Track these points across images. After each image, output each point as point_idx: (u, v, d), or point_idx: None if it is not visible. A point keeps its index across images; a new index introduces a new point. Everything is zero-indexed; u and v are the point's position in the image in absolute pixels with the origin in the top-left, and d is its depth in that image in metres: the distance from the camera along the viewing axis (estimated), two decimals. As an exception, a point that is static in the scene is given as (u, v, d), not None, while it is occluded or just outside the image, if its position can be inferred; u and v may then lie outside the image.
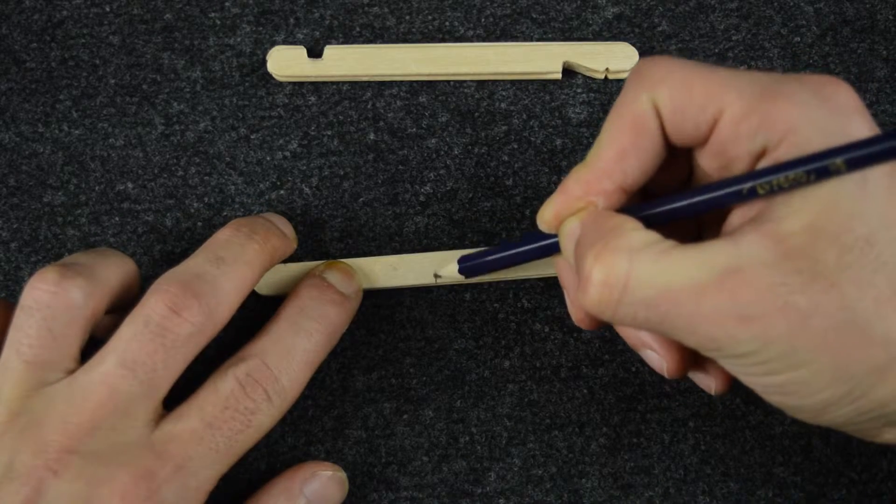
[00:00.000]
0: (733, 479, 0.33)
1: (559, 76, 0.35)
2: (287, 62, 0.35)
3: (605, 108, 0.35)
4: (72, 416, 0.26)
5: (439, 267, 0.33)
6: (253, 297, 0.33)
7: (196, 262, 0.28)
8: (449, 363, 0.34)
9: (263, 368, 0.28)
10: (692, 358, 0.27)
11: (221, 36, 0.36)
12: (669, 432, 0.33)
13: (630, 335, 0.28)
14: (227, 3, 0.36)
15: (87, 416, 0.26)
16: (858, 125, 0.22)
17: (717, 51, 0.35)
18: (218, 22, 0.36)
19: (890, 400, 0.23)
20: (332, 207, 0.35)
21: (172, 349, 0.27)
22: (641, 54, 0.35)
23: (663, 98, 0.24)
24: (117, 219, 0.34)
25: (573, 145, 0.35)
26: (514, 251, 0.29)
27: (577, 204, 0.25)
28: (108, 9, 0.36)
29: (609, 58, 0.34)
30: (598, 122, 0.35)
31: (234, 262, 0.29)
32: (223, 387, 0.28)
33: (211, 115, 0.35)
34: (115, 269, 0.29)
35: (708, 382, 0.28)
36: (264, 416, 0.28)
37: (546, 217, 0.26)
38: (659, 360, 0.27)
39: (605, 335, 0.34)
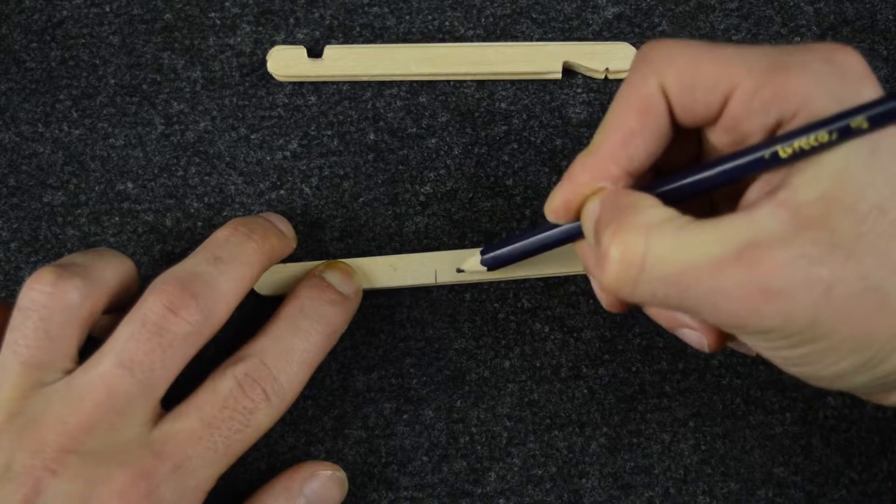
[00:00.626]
0: (733, 479, 0.33)
1: (559, 76, 0.35)
2: (287, 62, 0.35)
3: (604, 108, 0.35)
4: (69, 415, 0.26)
5: (440, 265, 0.33)
6: (253, 297, 0.33)
7: (194, 262, 0.28)
8: (449, 363, 0.34)
9: (262, 368, 0.28)
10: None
11: (221, 36, 0.36)
12: (669, 432, 0.33)
13: (663, 316, 0.28)
14: (227, 3, 0.36)
15: (85, 416, 0.26)
16: (870, 90, 0.23)
17: (717, 51, 0.35)
18: (218, 22, 0.36)
19: None
20: (332, 207, 0.35)
21: (170, 349, 0.27)
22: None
23: (671, 79, 0.24)
24: (117, 219, 0.34)
25: (573, 145, 0.35)
26: (538, 236, 0.28)
27: (583, 190, 0.25)
28: (108, 9, 0.36)
29: (609, 58, 0.34)
30: (598, 122, 0.35)
31: (232, 262, 0.29)
32: (222, 386, 0.28)
33: (211, 115, 0.35)
34: (112, 269, 0.29)
35: (749, 350, 0.27)
36: (263, 415, 0.28)
37: (554, 205, 0.26)
38: (698, 337, 0.27)
39: (606, 335, 0.34)
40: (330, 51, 0.35)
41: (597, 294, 0.28)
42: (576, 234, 0.27)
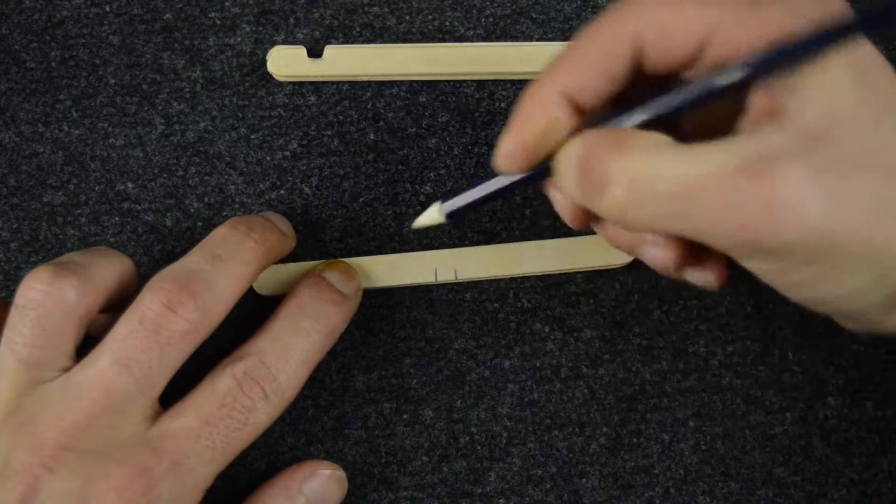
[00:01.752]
0: (733, 479, 0.33)
1: None
2: (287, 62, 0.35)
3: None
4: (67, 413, 0.26)
5: (440, 264, 0.33)
6: (253, 296, 0.33)
7: (192, 260, 0.28)
8: (449, 363, 0.34)
9: (261, 367, 0.28)
10: (691, 252, 0.26)
11: (221, 36, 0.36)
12: (669, 432, 0.33)
13: (625, 238, 0.27)
14: (227, 3, 0.36)
15: (83, 414, 0.26)
16: (846, 9, 0.23)
17: (717, 51, 0.35)
18: (218, 22, 0.36)
19: None
20: (332, 207, 0.35)
21: (167, 346, 0.27)
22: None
23: (648, 22, 0.24)
24: (117, 219, 0.34)
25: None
26: (495, 188, 0.27)
27: (537, 126, 0.25)
28: (108, 9, 0.36)
29: None
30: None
31: (230, 260, 0.29)
32: (220, 385, 0.28)
33: (211, 115, 0.35)
34: (109, 268, 0.29)
35: (707, 278, 0.27)
36: (261, 414, 0.28)
37: (510, 148, 0.25)
38: (661, 254, 0.26)
39: (606, 335, 0.34)
40: (330, 51, 0.35)
41: (561, 211, 0.27)
42: (537, 175, 0.26)
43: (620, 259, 0.33)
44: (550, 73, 0.25)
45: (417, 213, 0.34)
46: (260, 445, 0.33)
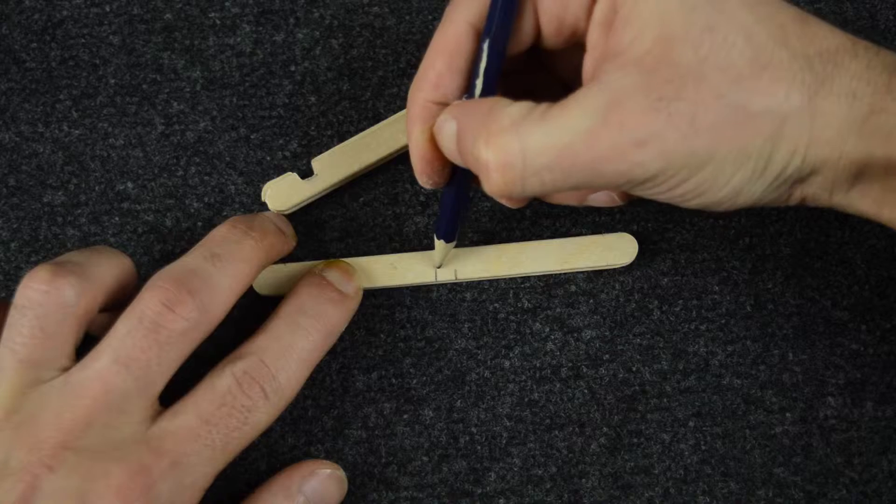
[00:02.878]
0: (733, 479, 0.33)
1: None
2: (285, 195, 0.33)
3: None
4: (66, 412, 0.26)
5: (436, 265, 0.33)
6: (252, 296, 0.33)
7: (191, 259, 0.28)
8: (449, 363, 0.34)
9: (261, 366, 0.28)
10: None
11: (221, 36, 0.36)
12: (669, 432, 0.33)
13: (566, 196, 0.30)
14: (227, 3, 0.36)
15: (82, 413, 0.26)
16: None
17: (717, 51, 0.35)
18: (218, 22, 0.36)
19: (789, 160, 0.24)
20: (332, 207, 0.35)
21: (167, 345, 0.27)
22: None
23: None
24: (117, 219, 0.34)
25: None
26: (452, 190, 0.29)
27: (427, 134, 0.27)
28: (108, 9, 0.36)
29: None
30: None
31: (229, 259, 0.29)
32: (220, 384, 0.28)
33: (211, 115, 0.35)
34: (109, 267, 0.29)
35: (606, 199, 0.30)
36: (261, 413, 0.28)
37: (419, 169, 0.28)
38: (607, 196, 0.29)
39: (606, 335, 0.34)
40: (317, 163, 0.33)
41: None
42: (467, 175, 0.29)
43: (621, 259, 0.33)
44: (416, 83, 0.27)
45: (417, 213, 0.34)
46: (260, 445, 0.33)
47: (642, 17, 0.23)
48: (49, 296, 0.27)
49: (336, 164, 0.33)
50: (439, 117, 0.26)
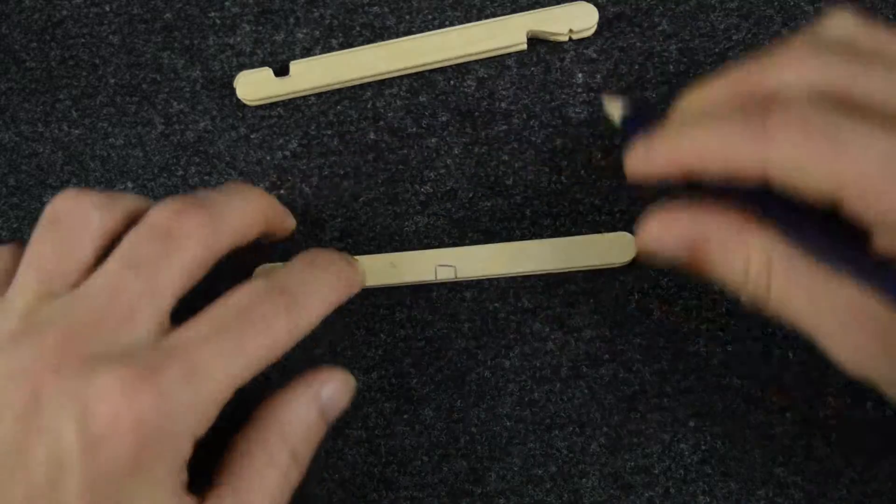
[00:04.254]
0: (733, 479, 0.33)
1: (525, 47, 0.35)
2: (255, 86, 0.34)
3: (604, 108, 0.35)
4: (72, 317, 0.25)
5: (440, 262, 0.33)
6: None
7: (198, 192, 0.28)
8: (449, 363, 0.34)
9: (280, 285, 0.27)
10: None
11: (221, 36, 0.36)
12: (669, 432, 0.33)
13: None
14: (227, 3, 0.36)
15: (88, 317, 0.25)
16: None
17: (717, 51, 0.35)
18: (218, 22, 0.36)
19: None
20: (332, 207, 0.35)
21: (177, 252, 0.26)
22: (642, 54, 0.35)
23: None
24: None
25: (573, 145, 0.35)
26: None
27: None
28: (108, 9, 0.36)
29: (570, 20, 0.34)
30: (597, 122, 0.35)
31: (239, 195, 0.28)
32: (236, 296, 0.27)
33: (211, 115, 0.35)
34: (135, 198, 0.29)
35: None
36: (281, 326, 0.26)
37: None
38: None
39: (606, 335, 0.34)
40: (295, 66, 0.35)
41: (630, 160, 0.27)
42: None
43: (620, 258, 0.33)
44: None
45: (417, 213, 0.34)
46: (260, 445, 0.33)
47: None
48: (73, 210, 0.27)
49: (312, 71, 0.34)
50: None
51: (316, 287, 0.28)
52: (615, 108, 0.28)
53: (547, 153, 0.35)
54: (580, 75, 0.35)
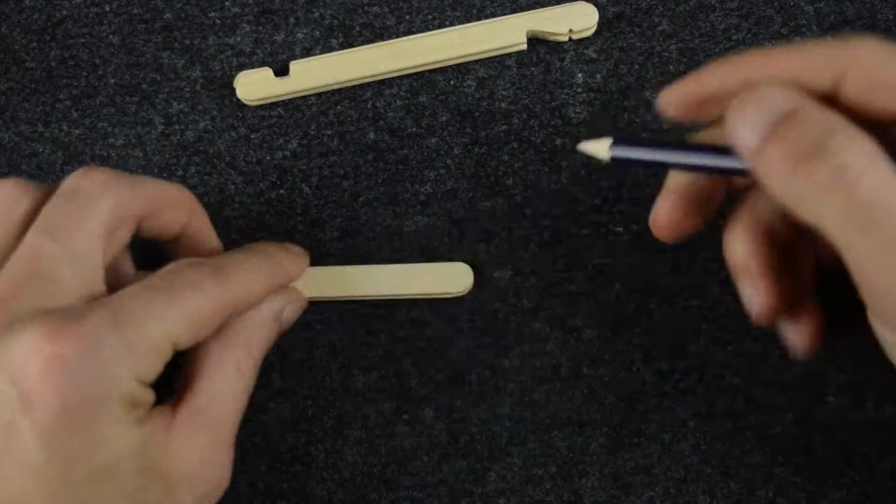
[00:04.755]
0: (733, 479, 0.33)
1: (525, 47, 0.35)
2: (255, 85, 0.34)
3: (605, 108, 0.35)
4: None
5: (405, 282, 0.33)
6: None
7: None
8: (449, 363, 0.34)
9: (208, 259, 0.28)
10: (787, 302, 0.26)
11: (221, 36, 0.36)
12: (669, 432, 0.33)
13: (738, 261, 0.26)
14: (227, 3, 0.36)
15: (11, 285, 0.25)
16: None
17: (717, 50, 0.35)
18: (218, 22, 0.36)
19: None
20: (332, 207, 0.35)
21: (87, 210, 0.26)
22: (642, 54, 0.35)
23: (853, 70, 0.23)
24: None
25: (573, 145, 0.35)
26: (684, 161, 0.25)
27: (732, 83, 0.24)
28: (108, 8, 0.36)
29: (570, 20, 0.34)
30: (598, 122, 0.35)
31: (153, 179, 0.29)
32: (165, 268, 0.27)
33: (211, 115, 0.35)
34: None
35: (796, 337, 0.27)
36: (210, 287, 0.27)
37: (679, 95, 0.25)
38: (753, 296, 0.26)
39: (606, 335, 0.34)
40: (295, 66, 0.35)
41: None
42: (723, 167, 0.24)
43: (454, 288, 0.33)
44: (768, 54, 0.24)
45: (417, 213, 0.34)
46: (260, 445, 0.33)
47: None
48: (5, 194, 0.27)
49: (312, 71, 0.34)
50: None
51: (245, 265, 0.29)
52: (600, 150, 0.26)
53: (547, 153, 0.35)
54: (580, 75, 0.35)
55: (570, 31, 0.34)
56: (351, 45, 0.36)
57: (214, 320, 0.27)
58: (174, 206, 0.29)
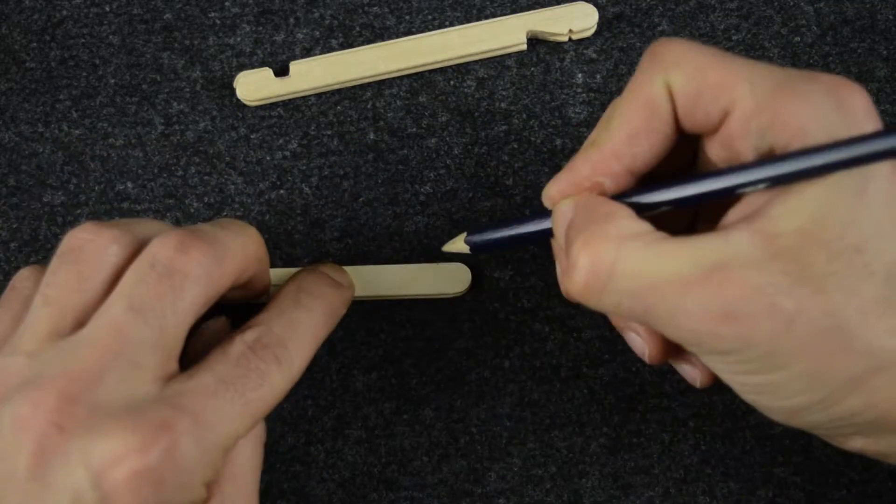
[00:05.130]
0: (733, 479, 0.33)
1: (525, 47, 0.35)
2: (255, 85, 0.34)
3: (605, 108, 0.35)
4: (76, 364, 0.24)
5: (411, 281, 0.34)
6: (248, 307, 0.32)
7: (197, 225, 0.28)
8: (449, 363, 0.34)
9: (270, 335, 0.27)
10: (676, 347, 0.27)
11: (221, 36, 0.36)
12: (669, 432, 0.33)
13: (615, 317, 0.28)
14: (227, 3, 0.36)
15: (94, 365, 0.24)
16: (871, 129, 0.22)
17: (717, 51, 0.35)
18: (218, 22, 0.36)
19: (862, 409, 0.23)
20: (332, 207, 0.35)
21: (181, 291, 0.25)
22: (641, 54, 0.35)
23: (677, 82, 0.24)
24: (117, 219, 0.34)
25: (573, 145, 0.35)
26: (520, 231, 0.28)
27: (584, 184, 0.25)
28: (108, 9, 0.36)
29: (570, 20, 0.34)
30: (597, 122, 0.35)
31: (237, 229, 0.28)
32: (232, 350, 0.26)
33: (211, 115, 0.35)
34: (147, 223, 0.28)
35: (693, 374, 0.28)
36: (276, 378, 0.27)
37: (551, 193, 0.26)
38: (641, 344, 0.27)
39: (606, 335, 0.34)
40: (295, 66, 0.35)
41: (560, 281, 0.28)
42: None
43: (454, 288, 0.33)
44: (603, 140, 0.25)
45: (417, 213, 0.34)
46: (260, 445, 0.33)
47: (801, 197, 0.22)
48: (90, 243, 0.26)
49: (312, 72, 0.35)
50: (564, 200, 0.26)
51: (303, 329, 0.28)
52: (461, 247, 0.30)
53: (547, 153, 0.35)
54: (580, 75, 0.35)
55: (570, 31, 0.34)
56: (351, 46, 0.36)
57: (277, 403, 0.27)
58: (252, 266, 0.29)
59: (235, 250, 0.27)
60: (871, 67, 0.35)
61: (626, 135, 0.25)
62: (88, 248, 0.26)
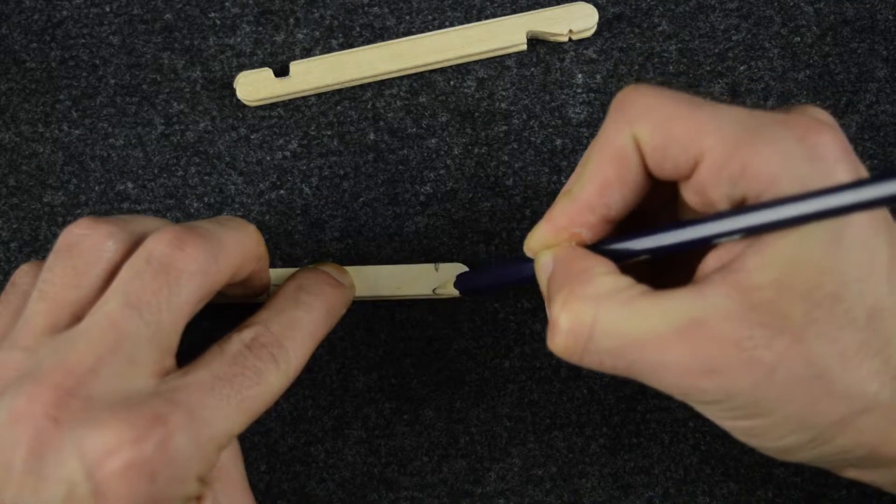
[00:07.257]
0: (733, 479, 0.33)
1: (525, 47, 0.35)
2: (255, 86, 0.34)
3: (604, 108, 0.35)
4: (72, 357, 0.24)
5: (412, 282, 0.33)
6: (248, 305, 0.33)
7: (194, 222, 0.28)
8: (449, 363, 0.34)
9: (268, 334, 0.27)
10: None
11: (221, 36, 0.36)
12: (669, 432, 0.33)
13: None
14: (227, 3, 0.36)
15: (90, 358, 0.24)
16: (843, 175, 0.22)
17: (717, 51, 0.35)
18: (218, 22, 0.36)
19: (852, 447, 0.23)
20: (332, 207, 0.35)
21: (177, 287, 0.25)
22: (642, 54, 0.35)
23: (644, 135, 0.24)
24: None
25: (573, 145, 0.35)
26: (508, 279, 0.30)
27: (562, 234, 0.26)
28: (108, 9, 0.36)
29: (570, 20, 0.34)
30: (597, 122, 0.35)
31: (234, 226, 0.28)
32: (229, 348, 0.27)
33: (211, 115, 0.35)
34: (144, 220, 0.28)
35: None
36: (272, 377, 0.27)
37: (532, 245, 0.27)
38: None
39: (605, 335, 0.34)
40: (295, 67, 0.35)
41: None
42: None
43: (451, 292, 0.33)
44: (577, 192, 0.25)
45: (417, 213, 0.34)
46: (260, 445, 0.33)
47: (777, 247, 0.22)
48: (87, 238, 0.26)
49: (312, 72, 0.35)
50: (544, 252, 0.26)
51: (301, 329, 0.28)
52: (451, 291, 0.32)
53: (547, 153, 0.35)
54: (580, 76, 0.35)
55: (570, 31, 0.34)
56: (351, 46, 0.36)
57: (274, 401, 0.27)
58: (249, 263, 0.29)
59: (232, 246, 0.27)
60: (871, 67, 0.35)
61: (597, 186, 0.25)
62: (85, 243, 0.26)
